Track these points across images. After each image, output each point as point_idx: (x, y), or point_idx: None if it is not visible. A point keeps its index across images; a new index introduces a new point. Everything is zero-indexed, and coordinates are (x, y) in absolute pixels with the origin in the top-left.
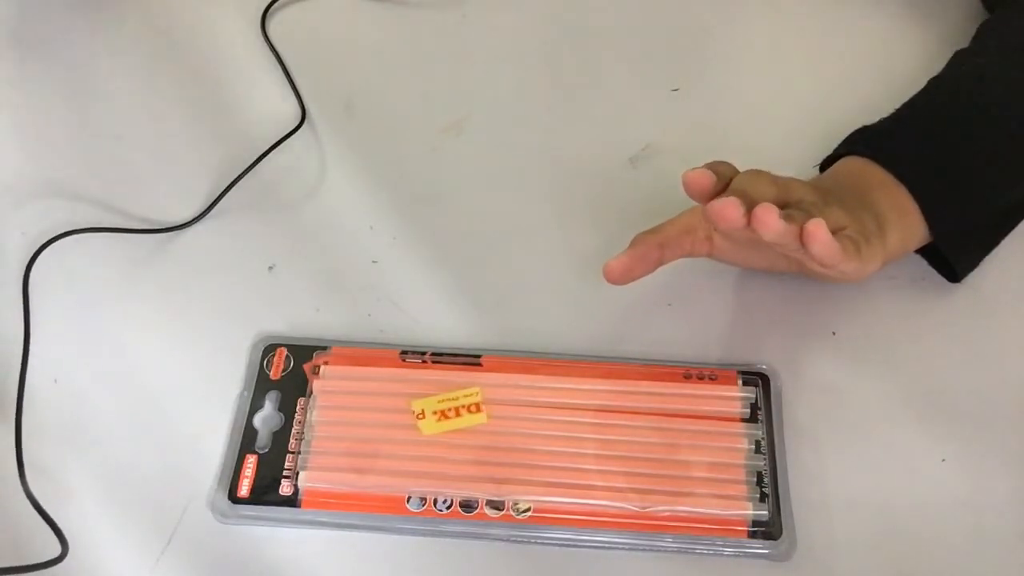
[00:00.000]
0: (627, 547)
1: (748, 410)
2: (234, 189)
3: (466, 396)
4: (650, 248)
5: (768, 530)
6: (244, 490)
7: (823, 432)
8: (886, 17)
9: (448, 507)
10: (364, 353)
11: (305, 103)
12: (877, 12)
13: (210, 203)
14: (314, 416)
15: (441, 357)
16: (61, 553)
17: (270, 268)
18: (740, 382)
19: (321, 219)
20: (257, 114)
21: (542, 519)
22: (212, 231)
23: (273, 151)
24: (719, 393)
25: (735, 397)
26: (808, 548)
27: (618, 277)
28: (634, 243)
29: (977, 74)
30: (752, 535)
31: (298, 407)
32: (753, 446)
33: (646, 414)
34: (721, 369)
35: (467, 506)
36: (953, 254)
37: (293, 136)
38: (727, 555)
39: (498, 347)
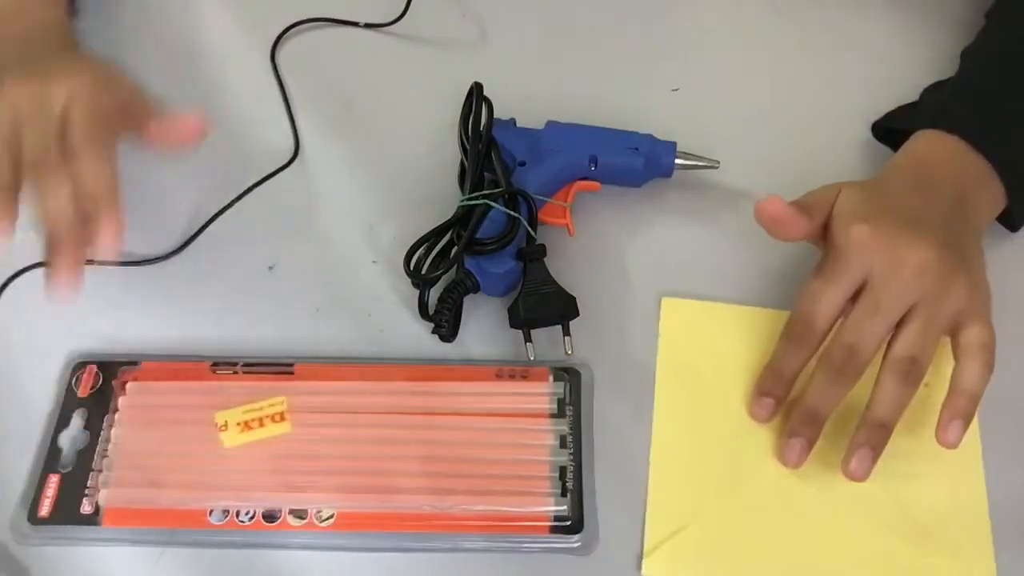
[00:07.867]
0: (429, 549)
1: (555, 406)
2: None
3: (271, 406)
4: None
5: (569, 525)
6: (45, 510)
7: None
8: (884, 17)
9: (251, 518)
10: (174, 367)
11: (298, 126)
12: (876, 12)
13: (189, 236)
14: (117, 433)
15: (253, 367)
16: None
17: (270, 268)
18: (551, 378)
19: (321, 219)
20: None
21: (345, 525)
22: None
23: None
24: (528, 390)
25: (544, 393)
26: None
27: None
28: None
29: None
30: (553, 531)
31: (104, 424)
32: (558, 442)
33: (452, 414)
34: (533, 366)
35: (270, 516)
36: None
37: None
38: (529, 551)
39: (314, 354)
